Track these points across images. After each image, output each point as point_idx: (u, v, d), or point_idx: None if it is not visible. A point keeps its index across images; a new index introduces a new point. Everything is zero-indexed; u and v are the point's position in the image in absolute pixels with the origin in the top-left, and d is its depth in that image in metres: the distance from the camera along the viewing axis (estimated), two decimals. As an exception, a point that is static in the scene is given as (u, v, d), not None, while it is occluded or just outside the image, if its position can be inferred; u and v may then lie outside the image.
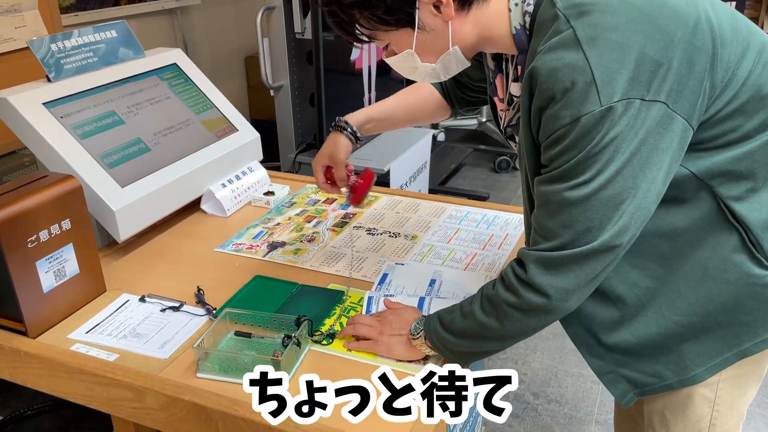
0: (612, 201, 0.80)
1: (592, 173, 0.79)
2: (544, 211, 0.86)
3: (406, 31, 0.90)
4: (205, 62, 3.93)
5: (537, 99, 0.82)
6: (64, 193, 1.15)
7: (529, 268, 0.86)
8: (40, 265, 1.11)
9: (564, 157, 0.81)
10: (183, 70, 1.70)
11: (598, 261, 0.83)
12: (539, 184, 0.86)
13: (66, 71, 1.44)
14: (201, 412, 0.96)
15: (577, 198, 0.81)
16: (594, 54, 0.77)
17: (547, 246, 0.85)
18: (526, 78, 0.83)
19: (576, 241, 0.82)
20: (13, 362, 1.11)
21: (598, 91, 0.76)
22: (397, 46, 0.94)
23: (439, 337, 0.98)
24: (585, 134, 0.78)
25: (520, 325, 0.90)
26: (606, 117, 0.77)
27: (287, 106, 2.63)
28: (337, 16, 0.92)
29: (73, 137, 1.35)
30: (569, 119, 0.78)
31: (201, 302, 1.20)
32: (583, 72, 0.76)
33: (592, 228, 0.81)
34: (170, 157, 1.50)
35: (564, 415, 2.00)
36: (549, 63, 0.79)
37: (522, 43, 0.90)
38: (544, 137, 0.83)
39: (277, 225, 1.51)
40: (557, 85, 0.78)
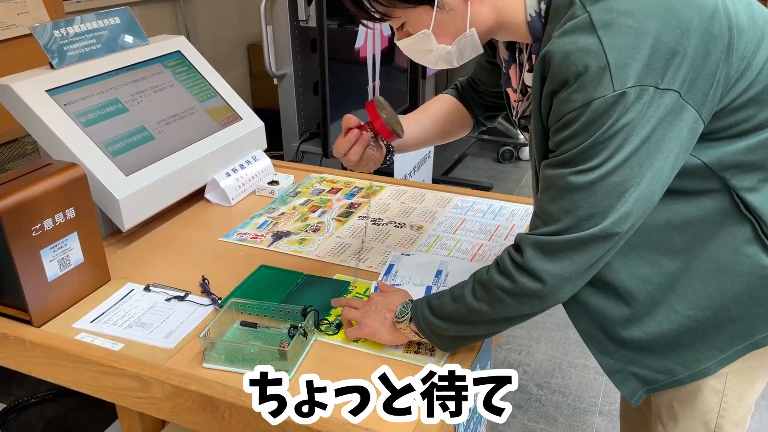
0: (617, 188, 0.79)
1: (600, 159, 0.78)
2: (547, 195, 0.84)
3: (425, 9, 0.88)
4: (206, 50, 3.89)
5: (549, 83, 0.80)
6: (69, 182, 1.14)
7: (526, 252, 0.84)
8: (45, 253, 1.10)
9: (572, 142, 0.79)
10: (187, 58, 1.68)
11: (596, 247, 0.82)
12: (545, 168, 0.85)
13: (69, 58, 1.42)
14: (207, 402, 0.95)
15: (582, 183, 0.79)
16: (609, 39, 0.75)
17: (545, 230, 0.83)
18: (539, 62, 0.82)
19: (576, 227, 0.81)
20: (17, 351, 1.11)
21: (611, 75, 0.75)
22: (412, 26, 0.91)
23: (426, 321, 0.96)
24: (596, 119, 0.77)
25: (511, 310, 0.89)
26: (618, 103, 0.75)
27: (291, 95, 2.61)
28: None
29: (77, 125, 1.34)
30: (580, 103, 0.77)
31: (206, 292, 1.20)
32: (597, 56, 0.75)
33: (594, 214, 0.80)
34: (174, 145, 1.49)
35: (568, 406, 2.00)
36: (563, 46, 0.78)
37: (536, 31, 0.88)
38: (553, 121, 0.82)
39: (282, 215, 1.50)
40: (570, 68, 0.77)
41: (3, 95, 1.31)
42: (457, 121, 1.28)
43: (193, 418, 0.98)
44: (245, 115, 1.70)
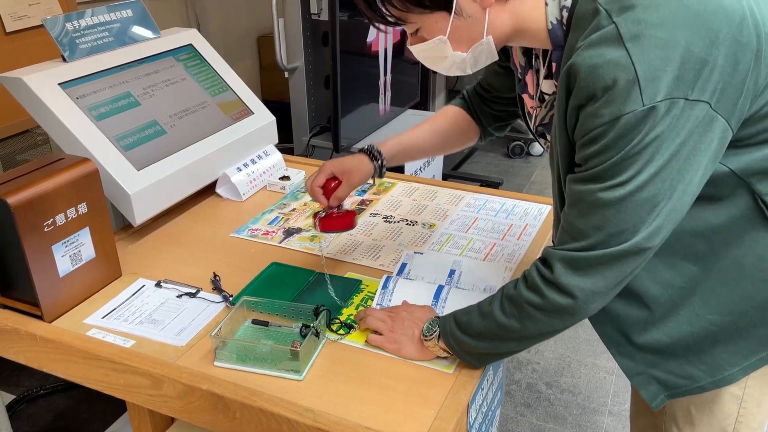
0: (647, 203, 0.78)
1: (630, 174, 0.77)
2: (575, 211, 0.83)
3: (441, 15, 0.86)
4: (216, 41, 3.87)
5: (575, 96, 0.79)
6: (81, 177, 1.13)
7: (556, 267, 0.84)
8: (57, 249, 1.10)
9: (601, 157, 0.78)
10: (199, 51, 1.67)
11: (627, 263, 0.81)
12: (572, 183, 0.83)
13: (81, 51, 1.41)
14: (219, 401, 0.95)
15: (612, 199, 0.78)
16: (637, 51, 0.73)
17: (575, 246, 0.83)
18: (564, 75, 0.80)
19: (606, 243, 0.80)
20: (29, 346, 1.10)
21: (641, 89, 0.73)
22: (428, 32, 0.89)
23: (455, 339, 0.95)
24: (624, 134, 0.75)
25: (542, 326, 0.88)
26: (648, 117, 0.74)
27: (302, 89, 2.60)
28: (370, 1, 0.88)
29: (89, 119, 1.33)
30: (609, 118, 0.75)
31: (217, 289, 1.19)
32: (625, 69, 0.73)
33: (624, 230, 0.79)
34: (186, 140, 1.48)
35: (577, 406, 1.99)
36: (589, 59, 0.76)
37: (558, 39, 0.86)
38: (580, 135, 0.80)
39: (293, 211, 1.49)
40: (598, 82, 0.75)
41: (15, 88, 1.31)
42: (460, 132, 1.26)
43: (204, 417, 0.98)
44: (257, 109, 1.69)
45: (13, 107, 1.39)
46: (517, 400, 2.01)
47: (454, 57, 0.91)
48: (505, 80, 1.16)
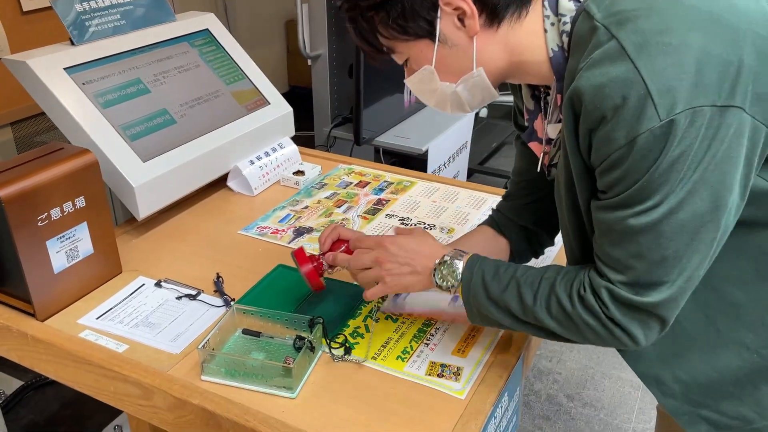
0: (686, 226, 0.69)
1: (660, 197, 0.69)
2: (608, 239, 0.75)
3: (426, 44, 0.81)
4: (243, 26, 3.83)
5: (584, 121, 0.71)
6: (79, 169, 1.08)
7: (611, 306, 0.76)
8: (51, 244, 1.04)
9: (624, 183, 0.70)
10: (215, 37, 1.60)
11: (682, 300, 0.75)
12: (598, 211, 0.76)
13: (90, 34, 1.35)
14: (210, 418, 0.88)
15: (645, 225, 0.70)
16: (645, 62, 0.65)
17: (620, 279, 0.75)
18: (567, 101, 0.72)
19: (651, 274, 0.72)
20: (20, 345, 1.06)
21: (654, 104, 0.65)
22: (415, 62, 0.84)
23: (477, 302, 0.87)
24: (645, 155, 0.67)
25: (585, 340, 0.81)
26: (669, 133, 0.65)
27: (324, 77, 2.52)
28: (357, 22, 0.84)
29: (95, 106, 1.27)
30: (624, 141, 0.67)
31: (219, 291, 1.13)
32: (634, 84, 0.65)
33: (667, 257, 0.71)
34: (196, 130, 1.41)
35: (599, 421, 1.90)
36: (593, 79, 0.68)
37: (561, 67, 0.78)
38: (597, 162, 0.72)
39: (306, 208, 1.42)
40: (606, 102, 0.67)
41: (19, 72, 1.25)
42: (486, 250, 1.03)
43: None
44: (273, 99, 1.62)
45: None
46: (535, 412, 1.92)
47: (443, 88, 0.85)
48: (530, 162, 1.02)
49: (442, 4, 0.78)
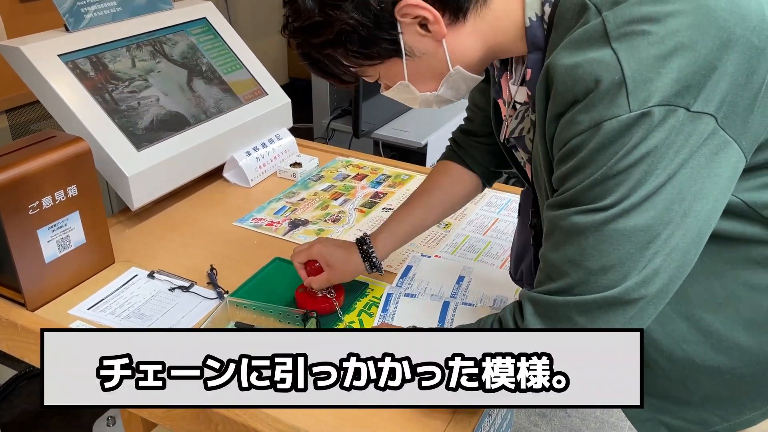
0: (639, 234, 0.62)
1: (614, 198, 0.62)
2: (550, 242, 0.69)
3: (394, 62, 0.75)
4: (244, 16, 3.80)
5: (553, 104, 0.66)
6: (72, 157, 1.06)
7: (526, 314, 0.70)
8: (42, 233, 1.03)
9: (579, 175, 0.64)
10: (213, 26, 1.58)
11: (614, 315, 0.65)
12: (546, 209, 0.70)
13: (87, 21, 1.33)
14: (200, 413, 0.87)
15: (589, 224, 0.63)
16: (626, 49, 0.61)
17: (551, 287, 0.68)
18: (542, 78, 0.67)
19: (586, 284, 0.65)
20: (9, 335, 1.04)
21: (627, 92, 0.60)
22: (388, 79, 0.79)
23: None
24: (606, 145, 0.61)
25: None
26: (637, 125, 0.60)
27: (324, 68, 2.50)
28: (311, 57, 0.78)
29: (89, 93, 1.25)
30: (587, 124, 0.62)
31: (213, 283, 1.11)
32: (609, 69, 0.60)
33: (608, 267, 0.64)
34: (193, 120, 1.40)
35: (595, 419, 1.89)
36: (568, 58, 0.63)
37: (536, 39, 0.73)
38: (557, 148, 0.67)
39: (302, 200, 1.41)
40: (577, 85, 0.62)
41: (13, 58, 1.23)
42: (461, 193, 1.08)
43: (186, 427, 0.90)
44: (271, 90, 1.60)
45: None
46: (531, 410, 1.91)
47: (425, 97, 0.81)
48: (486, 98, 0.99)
49: (400, 17, 0.71)
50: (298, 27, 0.74)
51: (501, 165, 1.05)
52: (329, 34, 0.72)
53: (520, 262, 1.00)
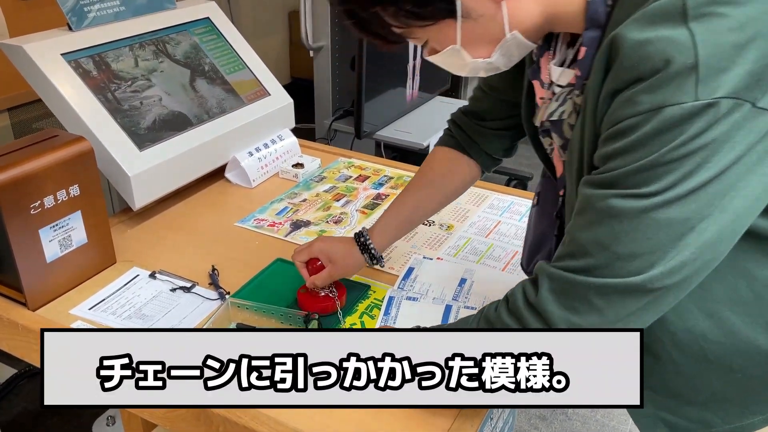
0: (675, 226, 0.61)
1: (660, 186, 0.60)
2: (581, 220, 0.66)
3: (447, 23, 0.70)
4: (246, 16, 3.80)
5: (613, 78, 0.62)
6: (74, 156, 1.06)
7: (542, 288, 0.68)
8: (44, 233, 1.03)
9: (626, 157, 0.61)
10: (216, 26, 1.58)
11: (632, 301, 0.64)
12: (583, 185, 0.67)
13: (90, 20, 1.33)
14: (201, 414, 0.87)
15: (628, 210, 0.61)
16: (703, 31, 0.57)
17: (572, 264, 0.66)
18: (603, 50, 0.64)
19: (610, 268, 0.64)
20: (10, 334, 1.04)
21: (698, 78, 0.57)
22: (438, 43, 0.74)
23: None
24: (663, 131, 0.58)
25: None
26: (700, 115, 0.57)
27: (326, 69, 2.49)
28: (356, 15, 0.73)
29: (91, 92, 1.25)
30: (648, 106, 0.59)
31: (214, 284, 1.11)
32: (684, 50, 0.57)
33: (637, 255, 0.62)
34: (195, 120, 1.40)
35: (596, 422, 1.88)
36: (638, 33, 0.59)
37: (596, 15, 0.68)
38: (607, 125, 0.63)
39: (304, 201, 1.40)
40: (644, 62, 0.59)
41: (16, 57, 1.23)
42: (459, 181, 1.06)
43: (186, 428, 0.90)
44: (274, 90, 1.60)
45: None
46: (531, 412, 1.90)
47: (476, 63, 0.76)
48: (504, 80, 0.94)
49: None
50: None
51: (504, 151, 1.04)
52: None
53: (535, 254, 0.98)
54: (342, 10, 0.74)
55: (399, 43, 0.76)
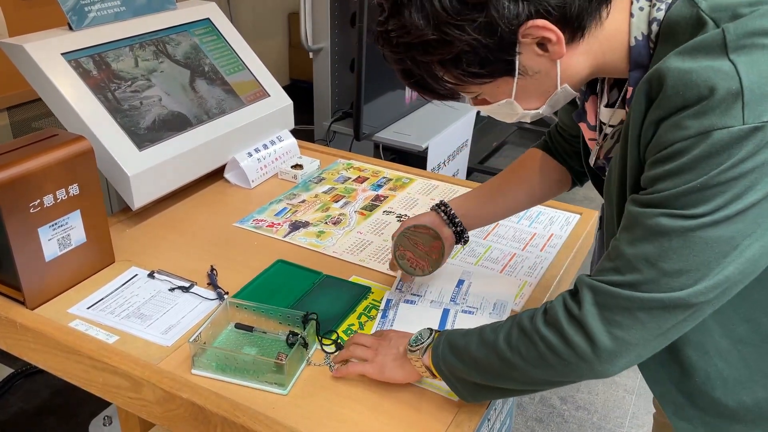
0: (722, 244, 0.62)
1: (708, 208, 0.61)
2: (628, 236, 0.68)
3: (504, 80, 0.73)
4: (246, 17, 3.81)
5: (658, 107, 0.64)
6: (74, 156, 1.06)
7: (585, 301, 0.69)
8: (43, 232, 1.03)
9: (675, 179, 0.63)
10: (216, 27, 1.58)
11: (675, 315, 0.66)
12: (630, 204, 0.69)
13: (90, 20, 1.33)
14: (199, 412, 0.87)
15: (676, 229, 0.63)
16: (746, 61, 0.60)
17: (616, 279, 0.67)
18: (646, 80, 0.66)
19: (656, 283, 0.65)
20: (8, 333, 1.04)
21: (743, 103, 0.59)
22: (490, 96, 0.77)
23: (446, 363, 0.82)
24: (712, 155, 0.60)
25: (550, 371, 0.72)
26: (748, 139, 0.59)
27: (326, 71, 2.50)
28: (411, 74, 0.75)
29: (91, 92, 1.25)
30: (696, 131, 0.60)
31: (213, 284, 1.11)
32: (727, 78, 0.59)
33: (683, 271, 0.64)
34: (195, 120, 1.40)
35: (592, 425, 1.89)
36: (682, 64, 0.62)
37: (640, 57, 0.71)
38: (654, 150, 0.65)
39: (302, 202, 1.41)
40: (690, 90, 0.61)
41: (16, 56, 1.23)
42: (552, 182, 1.07)
43: (184, 428, 0.90)
44: (273, 92, 1.60)
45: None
46: (528, 414, 1.91)
47: (526, 114, 0.79)
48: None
49: (521, 37, 0.68)
50: (405, 43, 0.71)
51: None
52: (446, 53, 0.70)
53: None
54: (396, 67, 0.76)
55: (450, 99, 0.78)
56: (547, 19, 0.67)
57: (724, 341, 0.76)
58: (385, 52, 0.75)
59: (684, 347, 0.77)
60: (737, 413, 0.79)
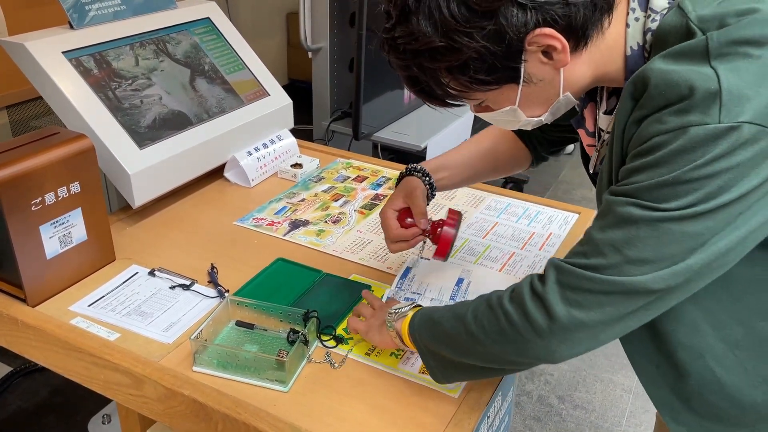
0: (689, 240, 0.63)
1: (678, 204, 0.63)
2: (599, 222, 0.69)
3: (509, 87, 0.74)
4: (245, 16, 3.81)
5: (642, 106, 0.66)
6: (75, 154, 1.06)
7: (549, 280, 0.70)
8: (44, 229, 1.03)
9: (648, 172, 0.64)
10: (216, 26, 1.59)
11: (635, 300, 0.67)
12: (606, 193, 0.70)
13: (90, 18, 1.34)
14: (200, 409, 0.87)
15: (645, 218, 0.64)
16: (727, 68, 0.61)
17: (581, 262, 0.69)
18: (630, 84, 0.68)
19: (618, 268, 0.66)
20: (9, 330, 1.04)
21: (721, 104, 0.60)
22: (494, 103, 0.78)
23: (421, 335, 0.85)
24: (687, 150, 0.61)
25: (505, 345, 0.74)
26: (723, 138, 0.60)
27: (325, 71, 2.50)
28: (417, 81, 0.76)
29: (92, 90, 1.26)
30: (674, 126, 0.62)
31: (213, 282, 1.12)
32: (708, 80, 0.61)
33: (646, 260, 0.65)
34: (195, 119, 1.40)
35: (590, 424, 1.90)
36: (665, 66, 0.63)
37: (636, 66, 0.71)
38: (635, 144, 0.66)
39: (302, 201, 1.41)
40: (671, 90, 0.62)
41: (17, 54, 1.24)
42: (510, 156, 1.12)
43: (185, 425, 0.91)
44: (273, 91, 1.60)
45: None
46: (526, 413, 1.92)
47: (528, 121, 0.80)
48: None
49: (527, 45, 0.69)
50: (413, 50, 0.72)
51: (552, 153, 1.13)
52: (454, 60, 0.71)
53: None
54: (402, 74, 0.77)
55: (454, 105, 0.79)
56: (554, 28, 0.68)
57: (719, 345, 0.76)
58: (391, 58, 0.76)
59: (677, 350, 0.78)
60: (735, 417, 0.79)
